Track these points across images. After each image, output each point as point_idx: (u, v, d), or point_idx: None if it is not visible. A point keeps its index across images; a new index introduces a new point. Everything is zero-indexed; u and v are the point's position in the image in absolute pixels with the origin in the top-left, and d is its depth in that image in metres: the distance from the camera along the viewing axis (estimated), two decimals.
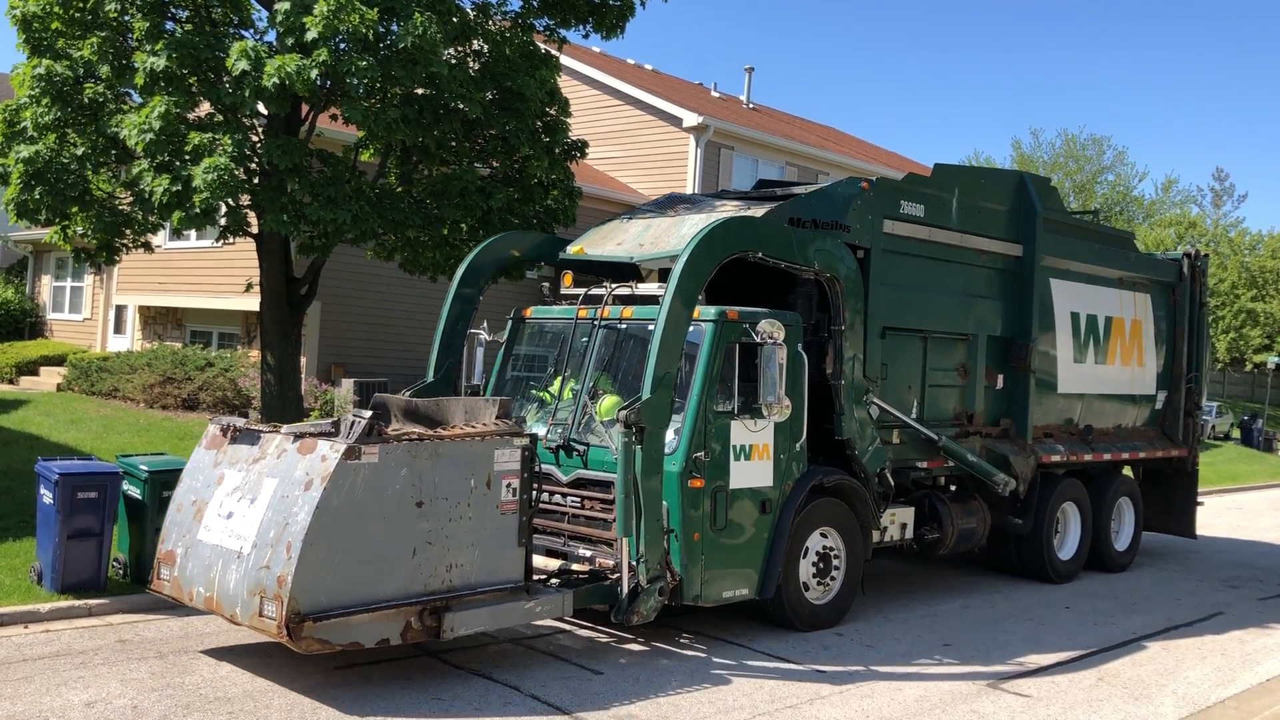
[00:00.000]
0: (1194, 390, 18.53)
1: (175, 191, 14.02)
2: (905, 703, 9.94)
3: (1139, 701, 10.44)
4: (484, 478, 9.45)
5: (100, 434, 19.46)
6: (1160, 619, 13.98)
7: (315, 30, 13.32)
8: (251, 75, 13.60)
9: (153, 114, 13.81)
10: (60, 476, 10.94)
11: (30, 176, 14.73)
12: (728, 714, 9.33)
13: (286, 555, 8.39)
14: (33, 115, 14.70)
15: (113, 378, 23.93)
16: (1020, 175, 15.45)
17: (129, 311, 30.65)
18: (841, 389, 12.21)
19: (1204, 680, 11.34)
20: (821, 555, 12.07)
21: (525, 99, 15.94)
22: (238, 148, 13.98)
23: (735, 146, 31.06)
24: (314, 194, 14.74)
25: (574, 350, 12.23)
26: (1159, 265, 18.18)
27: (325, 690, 9.09)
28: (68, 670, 9.37)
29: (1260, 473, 36.20)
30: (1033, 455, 14.88)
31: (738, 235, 11.22)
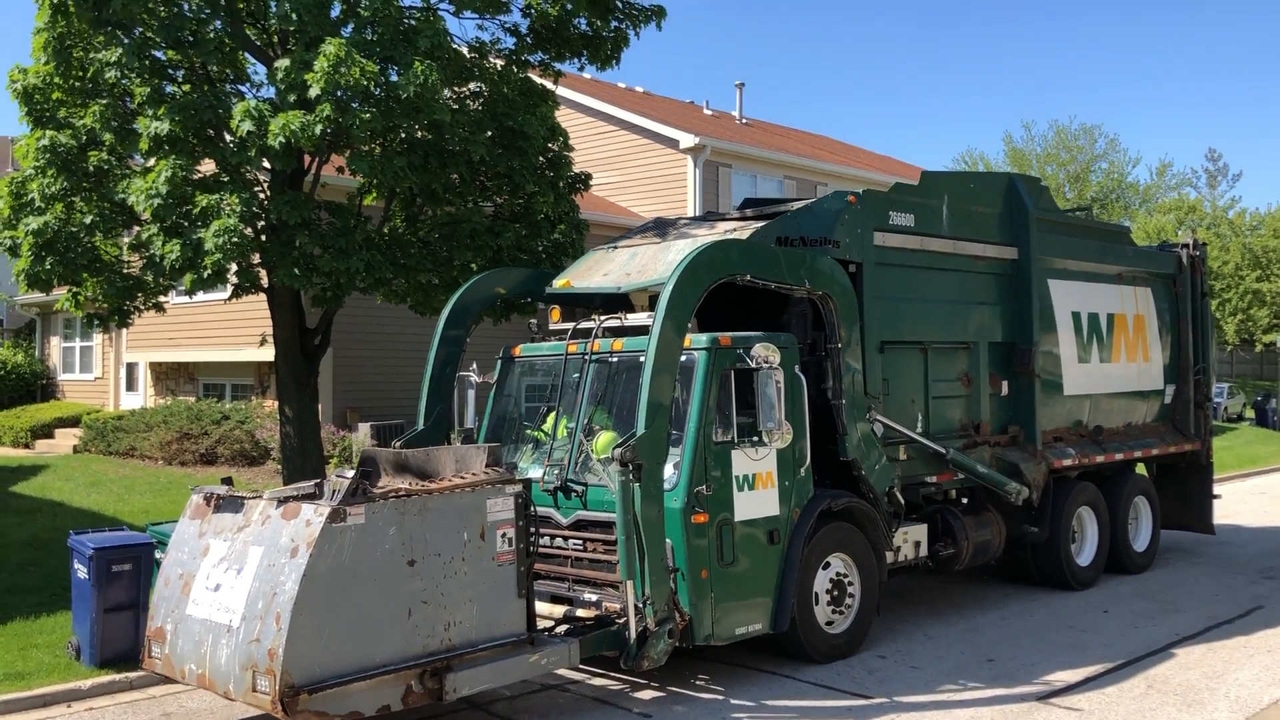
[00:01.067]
0: (1202, 382, 18.07)
1: (187, 256, 13.87)
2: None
3: (1192, 709, 10.13)
4: (477, 529, 9.03)
5: (121, 495, 19.20)
6: (1200, 618, 13.57)
7: (318, 86, 13.06)
8: (256, 135, 13.39)
9: (159, 179, 13.65)
10: (95, 551, 10.75)
11: (40, 247, 14.61)
12: None
13: (276, 626, 7.98)
14: (39, 186, 14.56)
15: (129, 436, 23.68)
16: (1009, 177, 15.05)
17: (140, 368, 30.42)
18: (843, 408, 11.77)
19: (1254, 680, 11.00)
20: (835, 582, 11.61)
21: (528, 137, 15.70)
22: (245, 206, 13.77)
23: (733, 164, 30.73)
24: (324, 246, 14.56)
25: (566, 387, 11.82)
26: (1157, 258, 17.75)
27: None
28: None
29: (1274, 454, 35.61)
30: (1044, 461, 14.42)
31: (724, 259, 10.81)
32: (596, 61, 16.90)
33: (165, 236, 14.10)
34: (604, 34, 16.64)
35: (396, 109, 13.85)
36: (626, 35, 16.74)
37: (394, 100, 13.77)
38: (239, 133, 13.49)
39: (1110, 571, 15.75)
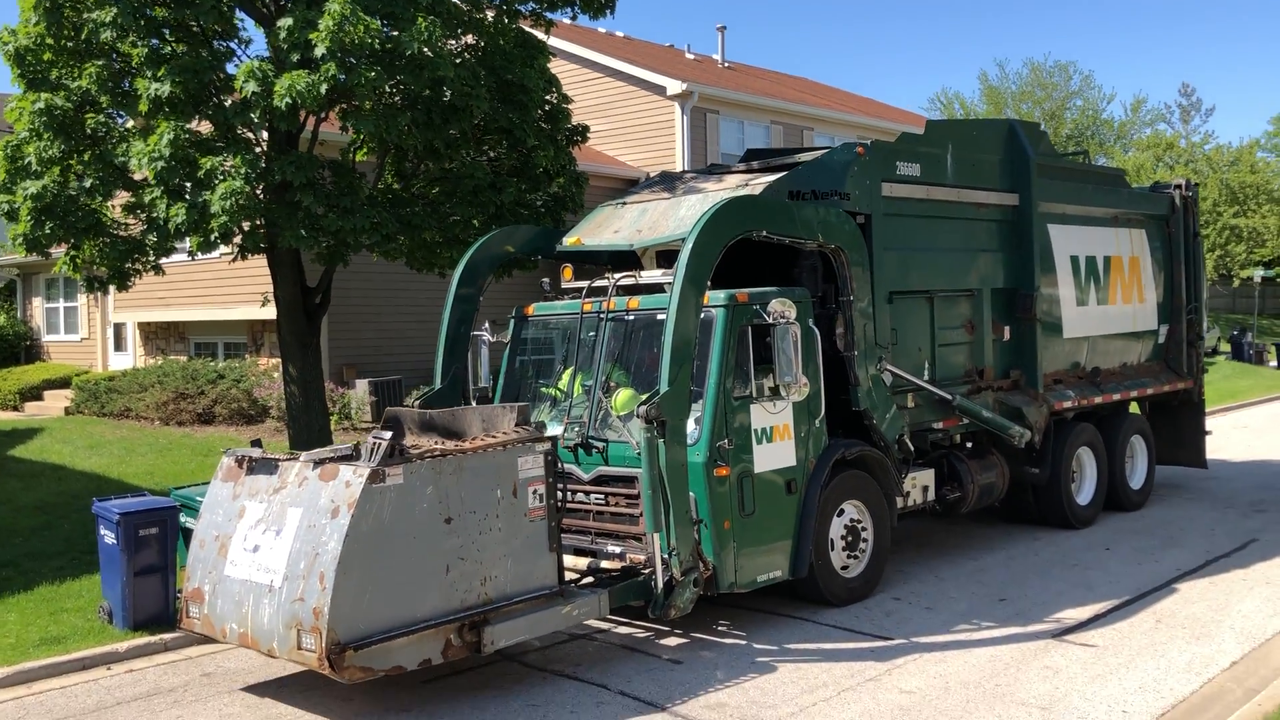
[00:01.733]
0: (1195, 321, 18.30)
1: (193, 218, 13.81)
2: (979, 664, 9.93)
3: (1200, 641, 10.46)
4: (510, 487, 9.19)
5: (123, 457, 19.21)
6: (1199, 552, 13.93)
7: (323, 46, 12.97)
8: (261, 95, 13.30)
9: (161, 141, 13.53)
10: (121, 516, 10.83)
11: (40, 212, 14.47)
12: (813, 692, 9.33)
13: (320, 586, 8.12)
14: (36, 150, 14.36)
15: (123, 398, 23.63)
16: (1010, 123, 15.14)
17: (128, 328, 30.27)
18: (855, 359, 11.94)
19: (1256, 612, 11.34)
20: (849, 528, 11.83)
21: (528, 90, 15.65)
22: (250, 167, 13.70)
23: (720, 110, 30.59)
24: (329, 206, 14.48)
25: (582, 345, 11.92)
26: (1152, 199, 17.91)
27: (422, 708, 9.02)
28: (164, 710, 9.26)
29: (1257, 387, 36.04)
30: (1045, 404, 14.63)
31: (741, 215, 10.90)
32: (590, 10, 16.80)
33: (169, 199, 14.03)
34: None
35: (400, 66, 13.80)
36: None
37: (398, 57, 13.71)
38: (243, 93, 13.41)
39: (1108, 509, 16.05)
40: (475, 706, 9.01)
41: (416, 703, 9.09)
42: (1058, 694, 9.17)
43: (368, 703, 9.09)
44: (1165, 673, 9.59)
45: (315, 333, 16.78)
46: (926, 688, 9.37)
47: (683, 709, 8.97)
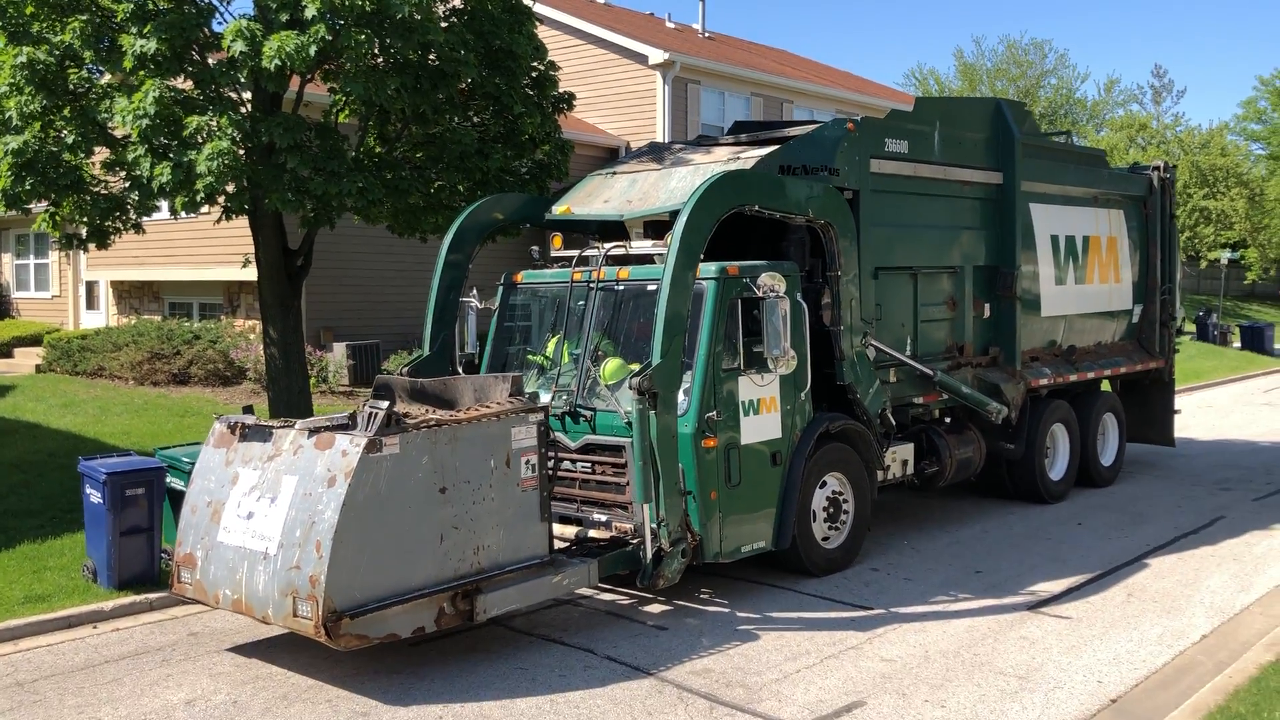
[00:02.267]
0: (1168, 301, 18.49)
1: (178, 178, 13.64)
2: (958, 634, 10.13)
3: (1172, 614, 10.72)
4: (503, 457, 9.23)
5: (98, 417, 19.07)
6: (1168, 528, 14.20)
7: (313, 7, 12.91)
8: (249, 55, 13.15)
9: (146, 99, 13.33)
10: (108, 476, 10.83)
11: (20, 167, 14.22)
12: (796, 659, 9.47)
13: (317, 554, 8.15)
14: (17, 105, 14.10)
15: (97, 356, 23.37)
16: (996, 102, 15.19)
17: (101, 286, 30.00)
18: (841, 334, 12.03)
19: (1224, 588, 11.62)
20: (831, 500, 11.95)
21: (516, 57, 15.60)
22: (236, 129, 13.59)
23: (701, 81, 30.53)
24: (315, 169, 14.36)
25: (570, 313, 11.95)
26: (1130, 181, 18.04)
27: (413, 670, 9.07)
28: (153, 669, 9.28)
29: (1221, 368, 36.38)
30: (1022, 381, 14.77)
31: (734, 190, 10.93)
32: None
33: (153, 158, 13.84)
34: None
35: (388, 29, 13.72)
36: None
37: (387, 20, 13.63)
38: (231, 52, 13.25)
39: (1079, 485, 16.26)
40: (464, 669, 9.09)
41: (406, 665, 9.14)
42: (1034, 664, 9.37)
43: (356, 664, 9.12)
44: (1138, 645, 9.83)
45: (297, 295, 16.69)
46: (907, 656, 9.55)
47: (669, 674, 9.09)
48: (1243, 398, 29.31)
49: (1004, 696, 8.72)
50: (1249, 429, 23.31)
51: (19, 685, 8.99)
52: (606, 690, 8.77)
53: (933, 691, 8.83)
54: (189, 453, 11.44)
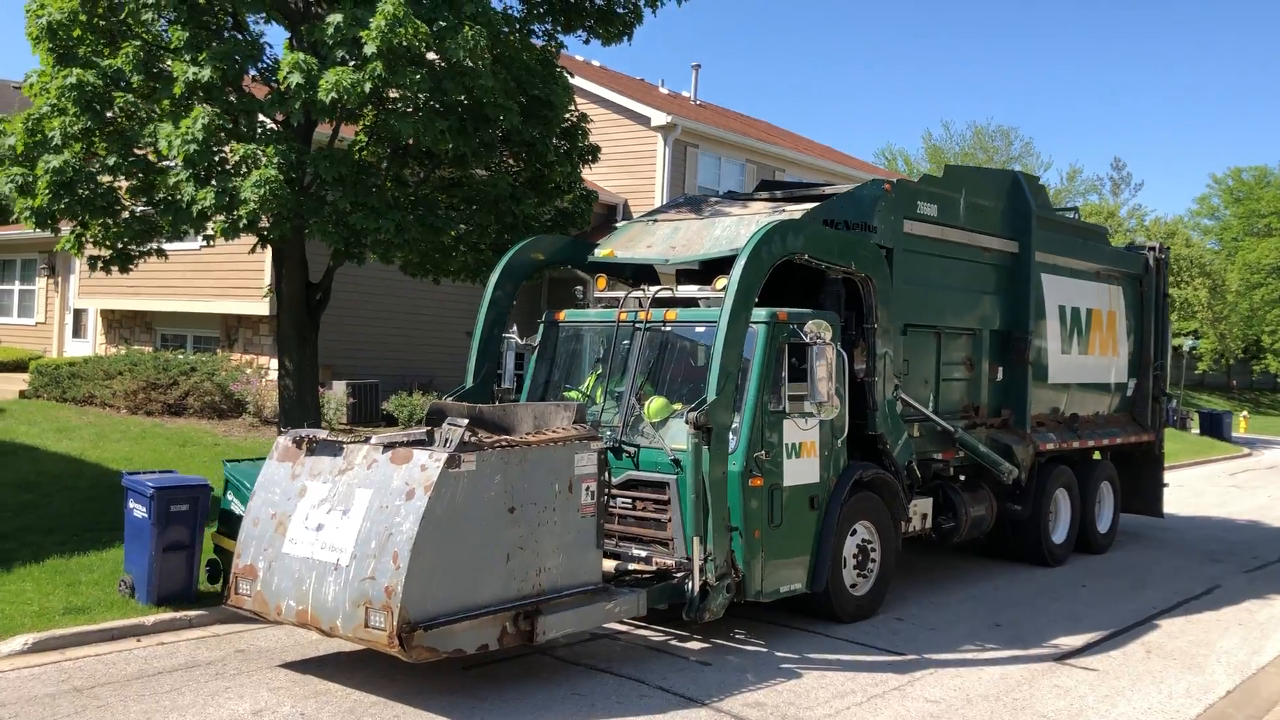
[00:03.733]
0: (1160, 377, 18.79)
1: (221, 203, 13.73)
2: (993, 680, 10.33)
3: (1193, 671, 10.98)
4: (566, 482, 9.27)
5: (95, 442, 18.85)
6: (1170, 594, 14.44)
7: (373, 45, 13.08)
8: (304, 87, 13.32)
9: (195, 125, 13.49)
10: (156, 490, 10.72)
11: (59, 186, 14.29)
12: (844, 697, 9.58)
13: (394, 565, 8.14)
14: (61, 125, 14.19)
15: (87, 384, 23.07)
16: (1014, 174, 15.55)
17: (90, 315, 29.75)
18: (876, 385, 12.20)
19: (1237, 649, 11.92)
20: (860, 548, 12.05)
21: (553, 107, 15.94)
22: (283, 158, 13.70)
23: (700, 145, 30.93)
24: (355, 204, 14.49)
25: (616, 352, 12.06)
26: (1128, 258, 18.41)
27: (469, 692, 9.06)
28: (209, 681, 9.18)
29: (1185, 451, 36.82)
30: (1032, 444, 14.97)
31: (789, 238, 11.13)
32: (602, 35, 16.99)
33: (195, 183, 13.93)
34: (617, 8, 16.72)
35: (441, 72, 13.94)
36: (641, 11, 16.88)
37: (442, 62, 13.84)
38: (286, 84, 13.44)
39: (1077, 551, 16.43)
40: (521, 693, 9.07)
41: (461, 686, 9.11)
42: (1074, 710, 9.57)
43: (413, 684, 9.09)
44: (1169, 697, 10.07)
45: (315, 328, 16.75)
46: (949, 698, 9.72)
47: (724, 705, 9.12)
48: (1211, 479, 29.80)
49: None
50: (1223, 508, 23.73)
51: (77, 691, 8.87)
52: (666, 718, 8.78)
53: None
54: (258, 467, 11.41)
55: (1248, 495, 26.43)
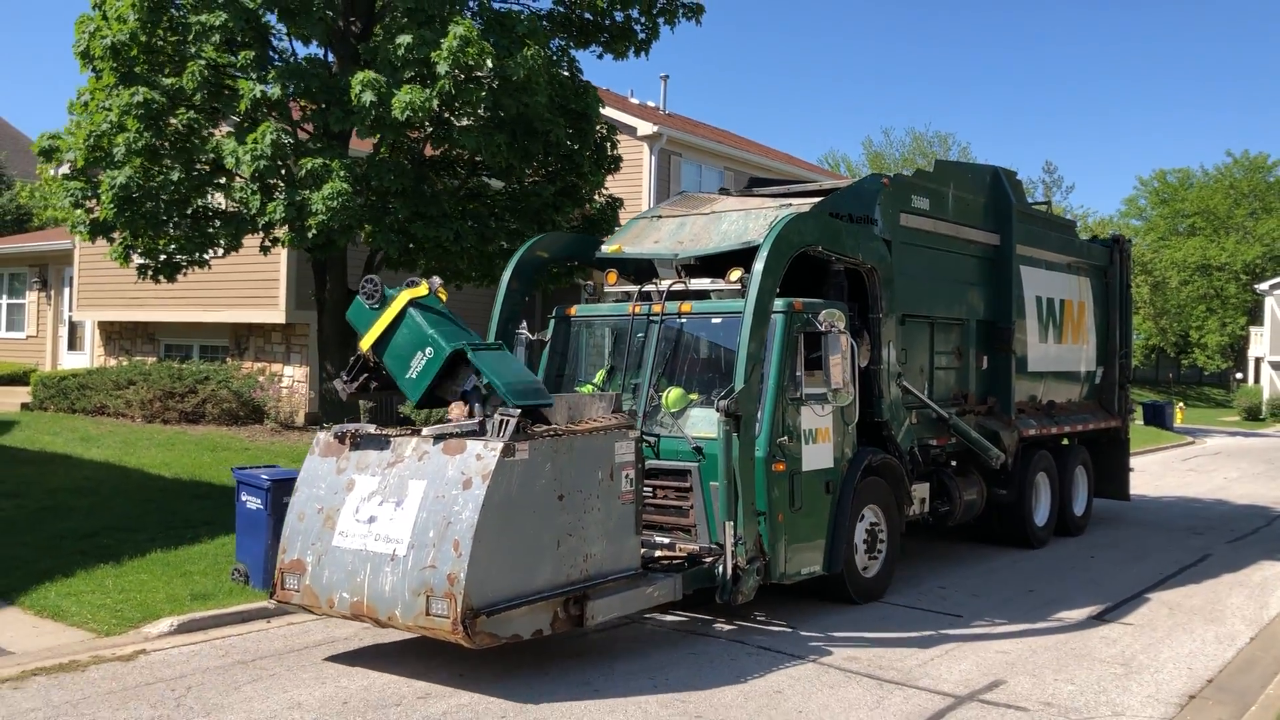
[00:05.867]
0: (1125, 366, 18.80)
1: (290, 215, 13.93)
2: (1049, 634, 10.81)
3: (1216, 624, 11.49)
4: (608, 469, 9.08)
5: (125, 450, 18.43)
6: (1168, 563, 14.73)
7: (444, 64, 13.37)
8: (376, 104, 13.48)
9: (264, 140, 13.62)
10: (271, 483, 10.90)
11: (123, 200, 14.41)
12: (926, 650, 10.11)
13: (455, 553, 7.91)
14: (125, 140, 14.19)
15: (97, 394, 22.56)
16: (995, 169, 15.45)
17: (87, 327, 29.18)
18: (881, 373, 12.09)
19: (1245, 605, 12.39)
20: (869, 531, 11.91)
21: (590, 121, 16.20)
22: (348, 171, 13.80)
23: (683, 154, 30.92)
24: (417, 214, 14.69)
25: (632, 345, 11.89)
26: (1095, 250, 18.38)
27: (569, 664, 9.12)
28: (362, 655, 9.35)
29: (1136, 439, 36.03)
30: (1016, 430, 14.87)
31: (807, 230, 11.03)
32: (615, 51, 17.13)
33: (262, 195, 14.12)
34: (635, 26, 16.84)
35: (501, 88, 14.21)
36: (659, 30, 17.00)
37: (502, 80, 14.10)
38: (360, 101, 13.54)
39: (1055, 533, 16.31)
40: (588, 674, 8.89)
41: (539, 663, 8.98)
42: (1126, 656, 10.14)
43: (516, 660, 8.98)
44: (1202, 644, 10.64)
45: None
46: (1016, 649, 10.21)
47: (825, 661, 9.55)
48: (1167, 464, 29.97)
49: (1118, 678, 9.45)
50: (1187, 489, 23.85)
51: (242, 664, 9.02)
52: (782, 671, 9.21)
53: (1056, 673, 9.50)
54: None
55: (1205, 478, 26.66)
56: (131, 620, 10.04)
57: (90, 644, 9.49)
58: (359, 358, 9.96)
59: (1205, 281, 65.10)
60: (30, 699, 8.06)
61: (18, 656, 9.10)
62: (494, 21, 14.46)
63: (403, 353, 9.45)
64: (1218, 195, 72.28)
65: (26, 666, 8.76)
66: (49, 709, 7.85)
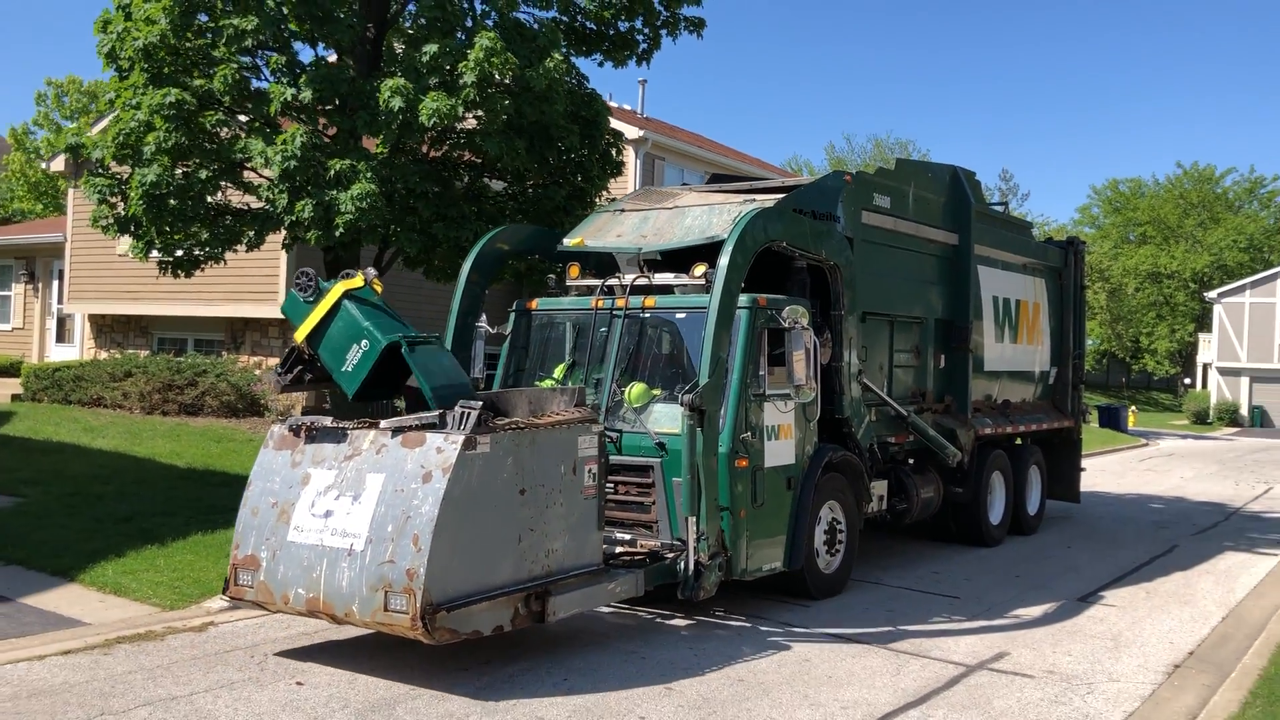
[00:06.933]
0: (1078, 367, 18.48)
1: (319, 214, 13.99)
2: (1042, 612, 11.32)
3: (1190, 605, 11.96)
4: (571, 464, 8.67)
5: (132, 440, 18.03)
6: (1141, 553, 15.08)
7: (471, 74, 13.56)
8: (404, 110, 13.62)
9: (295, 142, 13.73)
10: None
11: (153, 198, 14.44)
12: (929, 624, 10.67)
13: (414, 548, 7.51)
14: (155, 139, 14.16)
15: (94, 386, 21.92)
16: (954, 169, 15.10)
17: (76, 320, 28.55)
18: (843, 370, 11.75)
19: (1214, 589, 12.84)
20: (830, 527, 11.57)
21: (600, 129, 16.24)
22: (375, 173, 13.87)
23: (667, 158, 30.89)
24: (440, 215, 14.80)
25: (593, 340, 11.52)
26: (1049, 251, 18.07)
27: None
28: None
29: (1093, 440, 36.48)
30: (972, 429, 14.54)
31: (771, 226, 10.67)
32: (615, 59, 17.29)
33: (290, 195, 14.14)
34: (637, 36, 16.92)
35: (523, 96, 14.38)
36: (660, 40, 16.98)
37: (524, 89, 14.30)
38: (389, 107, 13.64)
39: (1010, 533, 15.97)
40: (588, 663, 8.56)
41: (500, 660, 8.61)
42: (1114, 632, 10.58)
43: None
44: (1180, 622, 11.13)
45: None
46: (1019, 625, 10.73)
47: (839, 633, 10.05)
48: (1126, 464, 29.98)
49: (1109, 650, 9.95)
50: (1147, 487, 23.82)
51: (305, 634, 9.29)
52: (804, 645, 9.61)
53: (1055, 645, 9.98)
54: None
55: (1163, 476, 26.70)
56: (191, 596, 10.42)
57: (159, 616, 9.87)
58: (293, 350, 9.62)
59: (1156, 289, 65.36)
60: (123, 663, 8.37)
61: (96, 627, 9.44)
62: (514, 32, 14.64)
63: (338, 345, 9.07)
64: (1168, 205, 72.62)
65: (109, 636, 9.08)
66: (144, 672, 8.16)
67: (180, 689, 7.82)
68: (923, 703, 8.18)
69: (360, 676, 8.11)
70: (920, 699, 8.26)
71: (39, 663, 8.32)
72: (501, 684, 8.12)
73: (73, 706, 7.39)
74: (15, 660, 8.36)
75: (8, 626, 9.36)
